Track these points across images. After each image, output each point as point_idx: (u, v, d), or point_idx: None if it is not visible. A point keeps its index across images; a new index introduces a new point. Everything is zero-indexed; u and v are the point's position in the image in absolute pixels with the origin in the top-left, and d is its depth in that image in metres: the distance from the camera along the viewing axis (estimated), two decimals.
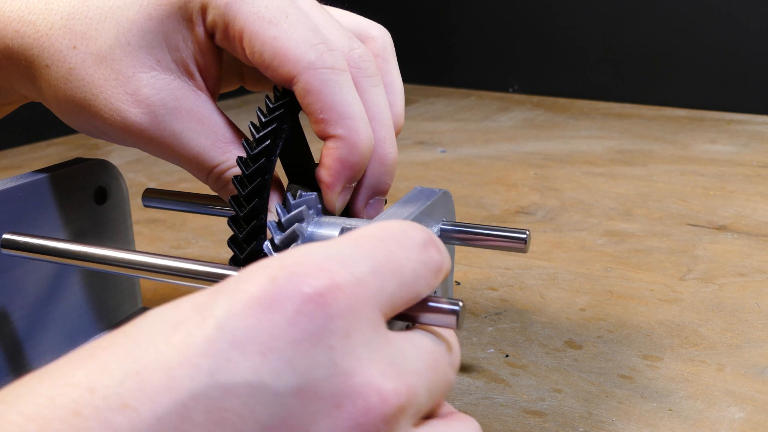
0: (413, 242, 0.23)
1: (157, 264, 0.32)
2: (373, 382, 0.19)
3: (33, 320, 0.39)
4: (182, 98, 0.32)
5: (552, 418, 0.36)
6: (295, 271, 0.20)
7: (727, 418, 0.35)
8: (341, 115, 0.31)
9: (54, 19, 0.33)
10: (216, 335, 0.18)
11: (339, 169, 0.32)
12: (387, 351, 0.20)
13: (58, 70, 0.32)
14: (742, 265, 0.54)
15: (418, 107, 1.19)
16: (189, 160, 0.33)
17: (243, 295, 0.19)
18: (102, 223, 0.42)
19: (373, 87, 0.33)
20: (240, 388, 0.18)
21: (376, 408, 0.19)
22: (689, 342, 0.43)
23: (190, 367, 0.18)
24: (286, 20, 0.31)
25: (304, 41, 0.30)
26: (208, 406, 0.17)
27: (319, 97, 0.31)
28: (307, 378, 0.18)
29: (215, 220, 0.66)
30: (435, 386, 0.23)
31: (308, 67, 0.30)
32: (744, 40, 1.13)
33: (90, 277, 0.42)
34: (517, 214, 0.68)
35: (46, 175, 0.38)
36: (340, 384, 0.19)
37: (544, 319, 0.46)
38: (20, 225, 0.37)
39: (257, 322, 0.19)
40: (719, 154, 0.87)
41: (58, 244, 0.34)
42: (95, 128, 0.34)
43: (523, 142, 0.97)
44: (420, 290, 0.23)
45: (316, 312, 0.19)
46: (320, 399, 0.19)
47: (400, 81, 0.37)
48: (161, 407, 0.17)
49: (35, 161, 0.94)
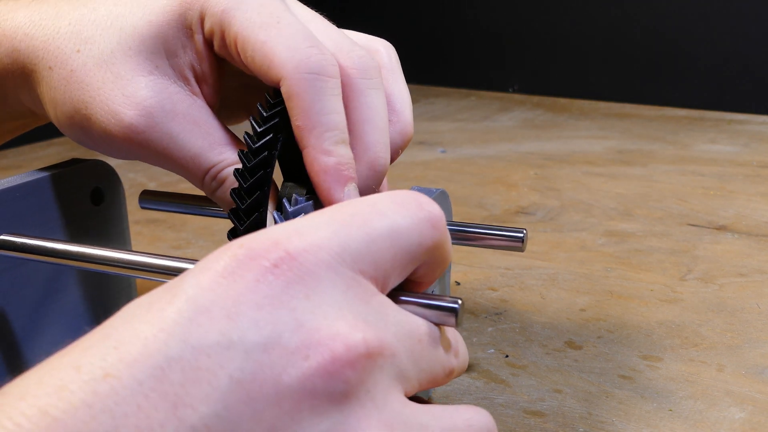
0: (389, 200, 0.24)
1: (153, 264, 0.32)
2: (339, 333, 0.20)
3: (31, 320, 0.39)
4: (179, 102, 0.33)
5: (552, 419, 0.36)
6: (253, 247, 0.21)
7: (727, 419, 0.35)
8: (315, 124, 0.30)
9: (61, 24, 0.34)
10: (185, 306, 0.20)
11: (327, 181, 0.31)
12: (360, 310, 0.22)
13: (60, 72, 0.33)
14: (743, 265, 0.54)
15: (418, 107, 1.19)
16: (185, 162, 0.33)
17: (208, 272, 0.21)
18: (99, 224, 0.42)
19: (371, 89, 0.32)
20: (210, 348, 0.19)
21: (343, 355, 0.20)
22: (689, 342, 0.43)
23: (163, 334, 0.19)
24: (277, 25, 0.31)
25: (293, 45, 0.30)
26: (183, 366, 0.19)
27: (299, 102, 0.30)
28: (272, 334, 0.20)
29: (215, 221, 0.66)
30: (420, 358, 0.23)
31: (292, 71, 0.30)
32: (744, 40, 1.13)
33: (87, 278, 0.42)
34: (517, 214, 0.68)
35: (43, 176, 0.38)
36: (305, 337, 0.20)
37: (544, 319, 0.46)
38: (17, 225, 0.37)
39: (221, 292, 0.20)
40: (719, 154, 0.87)
41: (54, 245, 0.34)
42: (90, 136, 0.34)
43: (523, 142, 0.97)
44: (410, 243, 0.23)
45: (274, 280, 0.21)
46: (288, 352, 0.20)
47: (407, 91, 0.36)
48: (141, 372, 0.19)
49: (35, 161, 0.94)
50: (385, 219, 0.23)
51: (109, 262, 0.33)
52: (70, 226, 0.40)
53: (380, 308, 0.22)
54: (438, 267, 0.26)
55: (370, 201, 0.24)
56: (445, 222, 0.25)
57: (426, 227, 0.24)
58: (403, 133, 0.35)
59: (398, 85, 0.36)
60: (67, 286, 0.41)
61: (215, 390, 0.19)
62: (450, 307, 0.24)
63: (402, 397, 0.22)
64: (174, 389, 0.19)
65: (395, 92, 0.36)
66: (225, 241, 0.35)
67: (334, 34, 0.33)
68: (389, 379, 0.22)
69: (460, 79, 1.41)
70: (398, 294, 0.24)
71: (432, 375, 0.24)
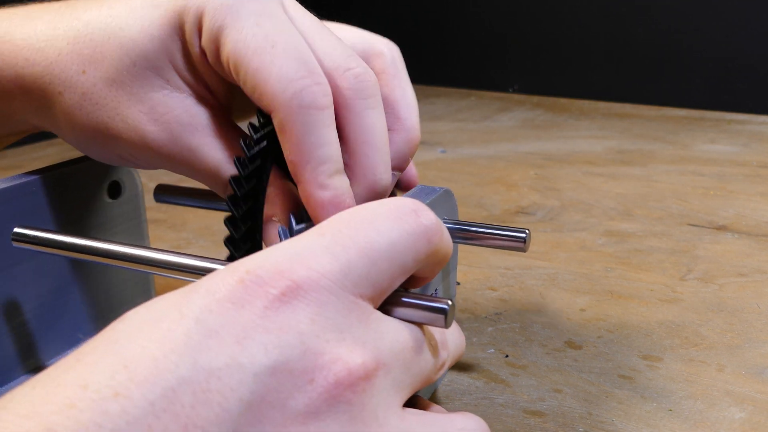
0: (387, 214, 0.24)
1: (165, 260, 0.31)
2: (340, 357, 0.21)
3: (45, 312, 0.39)
4: (196, 114, 0.33)
5: (552, 419, 0.36)
6: (260, 275, 0.22)
7: (727, 419, 0.35)
8: (308, 159, 0.30)
9: (61, 45, 0.33)
10: (195, 328, 0.20)
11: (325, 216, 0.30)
12: (360, 333, 0.22)
13: (72, 96, 0.33)
14: (743, 265, 0.54)
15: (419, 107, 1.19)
16: (207, 174, 0.33)
17: (215, 295, 0.21)
18: (116, 217, 0.42)
19: (369, 110, 0.31)
20: (220, 371, 0.20)
21: (345, 379, 0.21)
22: (689, 342, 0.43)
23: (173, 355, 0.19)
24: (271, 50, 0.29)
25: (285, 75, 0.29)
26: (194, 388, 0.19)
27: (290, 137, 0.29)
28: (280, 358, 0.20)
29: (215, 221, 0.66)
30: (412, 364, 0.24)
31: (283, 105, 0.29)
32: (744, 40, 1.13)
33: (103, 269, 0.42)
34: (517, 214, 0.68)
35: (60, 170, 0.39)
36: (310, 362, 0.21)
37: (544, 319, 0.46)
38: (34, 219, 0.37)
39: (230, 317, 0.21)
40: (719, 154, 0.87)
41: (67, 239, 0.34)
42: (113, 152, 0.34)
43: (523, 142, 0.97)
44: (405, 260, 0.24)
45: (281, 306, 0.21)
46: (294, 376, 0.21)
47: (412, 94, 0.36)
48: (152, 393, 0.18)
49: (35, 161, 0.94)
50: (384, 238, 0.24)
51: (123, 257, 0.32)
52: (86, 220, 0.41)
53: (377, 327, 0.23)
54: (435, 268, 0.26)
55: (368, 217, 0.24)
56: (443, 228, 0.25)
57: (422, 242, 0.24)
58: (410, 141, 0.35)
59: (402, 90, 0.35)
60: (83, 277, 0.41)
61: (225, 412, 0.19)
62: (439, 308, 0.25)
63: (400, 410, 0.23)
64: (185, 411, 0.19)
65: (399, 98, 0.35)
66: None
67: (331, 47, 0.32)
68: (387, 395, 0.23)
69: (461, 79, 1.41)
70: (390, 296, 0.25)
71: (424, 376, 0.25)
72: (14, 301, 0.37)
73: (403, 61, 0.37)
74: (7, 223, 0.36)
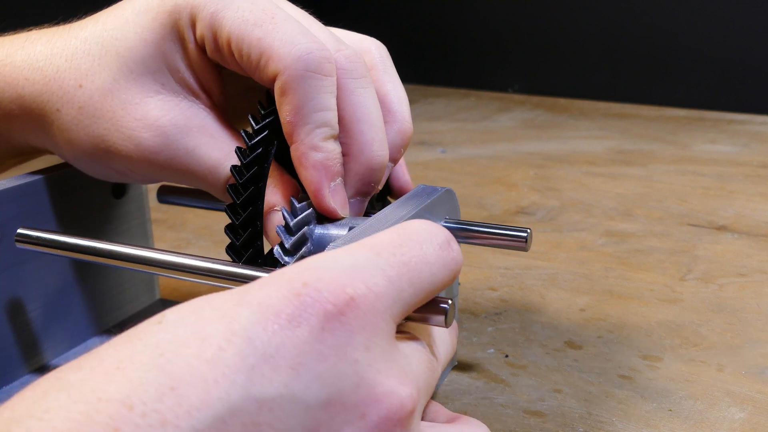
0: (433, 244, 0.24)
1: (170, 261, 0.31)
2: (393, 390, 0.21)
3: (49, 311, 0.39)
4: (191, 116, 0.33)
5: (552, 419, 0.36)
6: (318, 287, 0.20)
7: (727, 419, 0.35)
8: (306, 121, 0.30)
9: (59, 62, 0.33)
10: (247, 350, 0.19)
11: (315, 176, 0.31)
12: (398, 359, 0.22)
13: (69, 112, 0.33)
14: (742, 266, 0.54)
15: (418, 107, 1.19)
16: (204, 175, 0.33)
17: (267, 309, 0.20)
18: (120, 217, 0.42)
19: (361, 89, 0.32)
20: (273, 402, 0.19)
21: (396, 413, 0.20)
22: (689, 342, 0.43)
23: (225, 381, 0.18)
24: (272, 21, 0.30)
25: (291, 39, 0.30)
26: (244, 420, 0.18)
27: (292, 99, 0.30)
28: (334, 390, 0.20)
29: (215, 221, 0.66)
30: (431, 384, 0.25)
31: (290, 64, 0.29)
32: (744, 40, 1.13)
33: (107, 269, 0.42)
34: (517, 214, 0.68)
35: (65, 170, 0.39)
36: (364, 394, 0.20)
37: (544, 319, 0.46)
38: (38, 218, 0.38)
39: (286, 338, 0.19)
40: (719, 154, 0.87)
41: (70, 240, 0.34)
42: (111, 168, 0.34)
43: (523, 142, 0.97)
44: (435, 290, 0.24)
45: (339, 328, 0.20)
46: (346, 409, 0.20)
47: (402, 89, 0.36)
48: (200, 422, 0.18)
49: (39, 161, 0.94)
50: (429, 270, 0.24)
51: (125, 257, 0.32)
52: (91, 220, 0.41)
53: (404, 350, 0.23)
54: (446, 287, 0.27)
55: (418, 244, 0.24)
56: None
57: (452, 276, 0.25)
58: (402, 132, 0.35)
59: (392, 85, 0.36)
60: (87, 277, 0.41)
61: None
62: (439, 308, 0.25)
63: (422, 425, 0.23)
64: None
65: (390, 91, 0.35)
66: (226, 241, 0.35)
67: (323, 34, 0.32)
68: (419, 417, 0.23)
69: (460, 79, 1.41)
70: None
71: (432, 388, 0.25)
72: (18, 300, 0.37)
73: (390, 59, 0.37)
74: (11, 222, 0.36)
